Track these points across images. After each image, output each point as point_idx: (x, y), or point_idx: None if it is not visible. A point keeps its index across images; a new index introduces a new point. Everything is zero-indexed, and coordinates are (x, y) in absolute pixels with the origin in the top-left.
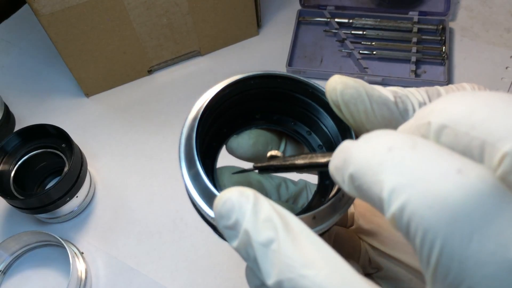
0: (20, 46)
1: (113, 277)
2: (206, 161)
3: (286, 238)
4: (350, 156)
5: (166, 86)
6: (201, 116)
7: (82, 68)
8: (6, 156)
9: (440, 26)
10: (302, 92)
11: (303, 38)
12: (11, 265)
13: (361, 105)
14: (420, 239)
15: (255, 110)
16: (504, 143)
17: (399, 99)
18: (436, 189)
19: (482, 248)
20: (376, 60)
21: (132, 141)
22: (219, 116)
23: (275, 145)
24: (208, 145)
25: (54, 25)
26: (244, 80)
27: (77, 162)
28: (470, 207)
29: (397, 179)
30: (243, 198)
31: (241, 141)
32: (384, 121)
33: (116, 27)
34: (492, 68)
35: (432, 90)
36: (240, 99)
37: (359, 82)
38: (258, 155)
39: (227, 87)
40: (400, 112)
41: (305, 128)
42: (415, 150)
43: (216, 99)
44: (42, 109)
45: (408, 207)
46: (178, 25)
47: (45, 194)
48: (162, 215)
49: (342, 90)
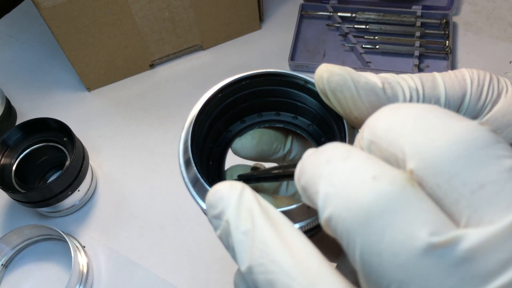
0: (21, 40)
1: (114, 271)
2: (210, 163)
3: (263, 226)
4: (303, 169)
5: (168, 80)
6: (195, 122)
7: (83, 62)
8: (7, 149)
9: (444, 21)
10: (297, 87)
11: (305, 32)
12: (13, 259)
13: (347, 91)
14: (345, 240)
15: (254, 109)
16: (410, 160)
17: (388, 84)
18: (355, 195)
19: (393, 240)
20: (379, 55)
21: (134, 135)
22: (217, 120)
23: (280, 142)
24: (210, 148)
25: (56, 18)
26: (236, 82)
27: (78, 156)
28: (381, 206)
29: (327, 190)
30: (231, 190)
31: (244, 142)
32: (372, 107)
33: (118, 21)
34: (496, 63)
35: (427, 76)
36: (236, 101)
37: (345, 69)
38: (263, 154)
39: (219, 91)
40: (389, 97)
41: (307, 122)
42: (346, 162)
43: (209, 104)
44: (44, 103)
45: (334, 213)
46: (180, 19)
47: (47, 188)
48: (163, 209)
49: (328, 78)
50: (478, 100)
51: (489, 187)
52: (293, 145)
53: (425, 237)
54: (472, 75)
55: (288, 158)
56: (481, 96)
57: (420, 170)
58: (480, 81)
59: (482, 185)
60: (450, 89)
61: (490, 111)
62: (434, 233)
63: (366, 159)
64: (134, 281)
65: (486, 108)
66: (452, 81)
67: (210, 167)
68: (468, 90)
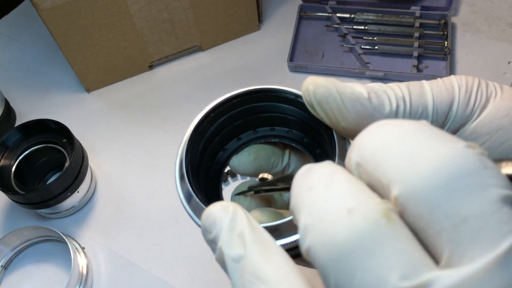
0: (20, 41)
1: (114, 272)
2: (208, 181)
3: (253, 253)
4: (291, 192)
5: (167, 81)
6: (189, 142)
7: (82, 63)
8: (7, 151)
9: (442, 21)
10: (287, 102)
11: (304, 33)
12: (12, 260)
13: (333, 103)
14: (321, 273)
15: (249, 126)
16: (393, 186)
17: (374, 94)
18: (329, 230)
19: (363, 282)
20: (377, 55)
21: (133, 136)
22: (212, 139)
23: (277, 157)
24: (208, 167)
25: (55, 19)
26: (228, 101)
27: (78, 157)
28: (353, 245)
29: (306, 220)
30: (223, 213)
31: (241, 159)
32: (358, 117)
33: (117, 22)
34: (495, 63)
35: (415, 84)
36: (229, 119)
37: (330, 81)
38: (261, 169)
39: (211, 110)
40: (375, 107)
41: (301, 135)
42: (327, 190)
43: (202, 124)
44: (43, 104)
45: (311, 246)
46: (179, 20)
47: (46, 189)
48: (163, 210)
49: (313, 90)
50: (466, 106)
51: (472, 221)
52: (290, 158)
53: (395, 281)
54: (460, 82)
55: (287, 171)
56: (469, 102)
57: (403, 198)
58: (468, 87)
59: (464, 219)
60: (438, 96)
61: (479, 116)
62: (405, 277)
63: (347, 186)
64: (134, 282)
65: (474, 114)
66: (440, 88)
67: (209, 185)
68: (456, 97)
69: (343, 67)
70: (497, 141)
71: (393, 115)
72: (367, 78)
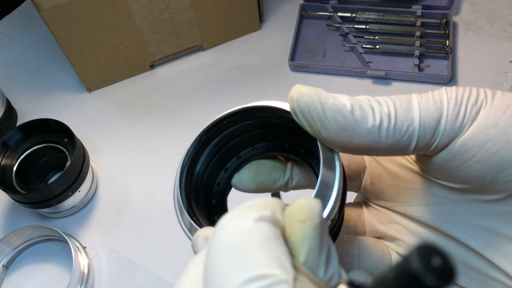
0: (22, 41)
1: (115, 272)
2: (212, 202)
3: None
4: None
5: (168, 81)
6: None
7: (84, 62)
8: (8, 150)
9: (444, 20)
10: (279, 117)
11: (305, 32)
12: (14, 260)
13: (314, 112)
14: None
15: (248, 143)
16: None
17: (358, 107)
18: None
19: None
20: (379, 55)
21: (134, 136)
22: (211, 159)
23: (279, 171)
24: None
25: (56, 19)
26: (219, 122)
27: (79, 156)
28: None
29: None
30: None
31: (242, 177)
32: (339, 129)
33: (118, 21)
34: (496, 62)
35: (403, 98)
36: (224, 140)
37: (314, 90)
38: (262, 185)
39: (204, 133)
40: (357, 120)
41: (297, 147)
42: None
43: (196, 148)
44: (44, 104)
45: None
46: (180, 20)
47: (48, 189)
48: (164, 210)
49: (297, 98)
50: (455, 120)
51: None
52: (293, 171)
53: None
54: (449, 95)
55: (291, 185)
56: (458, 116)
57: None
58: (458, 100)
59: None
60: (425, 111)
61: (469, 128)
62: None
63: None
64: (135, 282)
65: (465, 127)
66: (428, 103)
67: (213, 206)
68: (444, 112)
69: (345, 67)
70: (487, 153)
71: (376, 130)
72: (369, 77)
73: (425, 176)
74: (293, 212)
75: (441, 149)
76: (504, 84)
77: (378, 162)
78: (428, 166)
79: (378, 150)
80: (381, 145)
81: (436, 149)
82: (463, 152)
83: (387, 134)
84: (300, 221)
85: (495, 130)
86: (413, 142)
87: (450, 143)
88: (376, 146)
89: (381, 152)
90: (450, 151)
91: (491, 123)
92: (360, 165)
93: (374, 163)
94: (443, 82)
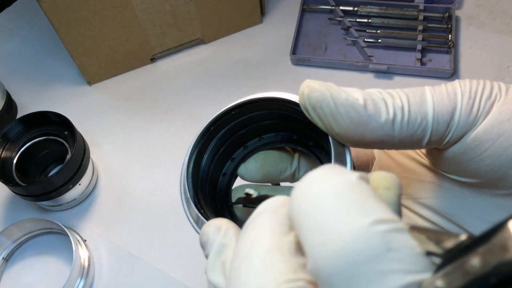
0: (22, 34)
1: (115, 265)
2: (217, 192)
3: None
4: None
5: (169, 74)
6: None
7: (84, 55)
8: (8, 143)
9: (446, 14)
10: (288, 109)
11: (307, 26)
12: (14, 252)
13: (326, 108)
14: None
15: (255, 134)
16: (307, 260)
17: (371, 101)
18: None
19: None
20: (381, 49)
21: (135, 129)
22: (218, 149)
23: (286, 162)
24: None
25: (56, 11)
26: (227, 112)
27: (79, 149)
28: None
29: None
30: (215, 233)
31: (248, 167)
32: (352, 124)
33: (119, 14)
34: (499, 57)
35: (416, 91)
36: (232, 130)
37: (325, 85)
38: (269, 175)
39: (211, 123)
40: (370, 114)
41: (306, 139)
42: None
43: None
44: (44, 97)
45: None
46: (181, 12)
47: (48, 181)
48: (165, 203)
49: (308, 94)
50: (469, 114)
51: None
52: (300, 163)
53: None
54: (463, 88)
55: (298, 176)
56: (472, 109)
57: (313, 274)
58: (472, 93)
59: None
60: (439, 104)
61: (483, 122)
62: None
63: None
64: (135, 275)
65: (478, 121)
66: (442, 96)
67: (218, 195)
68: (458, 105)
69: (346, 60)
70: (499, 147)
71: (389, 124)
72: (370, 71)
73: (435, 169)
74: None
75: (453, 143)
76: (507, 79)
77: (387, 154)
78: (438, 160)
79: (391, 144)
80: (394, 139)
81: (449, 143)
82: (476, 146)
83: (400, 128)
84: (385, 188)
85: (509, 124)
86: (427, 135)
87: (463, 137)
88: (389, 140)
89: (393, 146)
90: (462, 145)
91: (504, 117)
92: (368, 156)
93: (383, 155)
94: (445, 76)
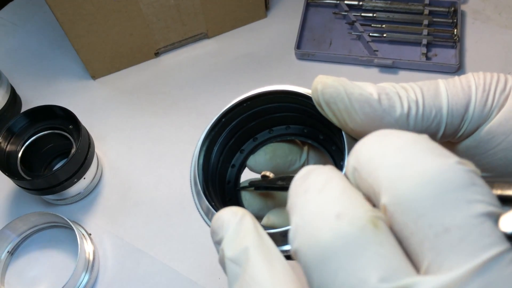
0: (26, 28)
1: (120, 259)
2: (226, 184)
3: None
4: (289, 193)
5: (173, 69)
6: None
7: (88, 49)
8: (13, 137)
9: (452, 9)
10: (300, 102)
11: (312, 20)
12: (19, 246)
13: (341, 103)
14: (306, 274)
15: (265, 126)
16: (383, 194)
17: (385, 95)
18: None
19: (345, 283)
20: (386, 43)
21: (139, 123)
22: (227, 141)
23: (295, 155)
24: (226, 169)
25: (61, 5)
26: (239, 104)
27: (84, 143)
28: (337, 248)
29: (297, 221)
30: (232, 217)
31: (257, 158)
32: (367, 119)
33: (123, 8)
34: (504, 51)
35: (430, 84)
36: (242, 122)
37: (339, 80)
38: (278, 168)
39: (222, 115)
40: (384, 109)
41: (317, 133)
42: (320, 194)
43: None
44: (49, 91)
45: (299, 247)
46: (186, 7)
47: (53, 175)
48: (169, 197)
49: (322, 90)
50: (483, 107)
51: (454, 231)
52: (309, 155)
53: (374, 283)
54: (477, 81)
55: None
56: (486, 102)
57: (391, 206)
58: (486, 86)
59: (447, 229)
60: (453, 97)
61: (496, 115)
62: (384, 279)
63: (340, 193)
64: (140, 269)
65: (492, 113)
66: (456, 88)
67: (227, 188)
68: (473, 98)
69: (351, 55)
70: None
71: (404, 118)
72: (375, 66)
73: None
74: None
75: (467, 136)
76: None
77: None
78: None
79: None
80: None
81: (462, 136)
82: (489, 139)
83: (415, 122)
84: None
85: None
86: (441, 129)
87: (476, 130)
88: None
89: None
90: (475, 139)
91: None
92: None
93: None
94: (451, 71)
